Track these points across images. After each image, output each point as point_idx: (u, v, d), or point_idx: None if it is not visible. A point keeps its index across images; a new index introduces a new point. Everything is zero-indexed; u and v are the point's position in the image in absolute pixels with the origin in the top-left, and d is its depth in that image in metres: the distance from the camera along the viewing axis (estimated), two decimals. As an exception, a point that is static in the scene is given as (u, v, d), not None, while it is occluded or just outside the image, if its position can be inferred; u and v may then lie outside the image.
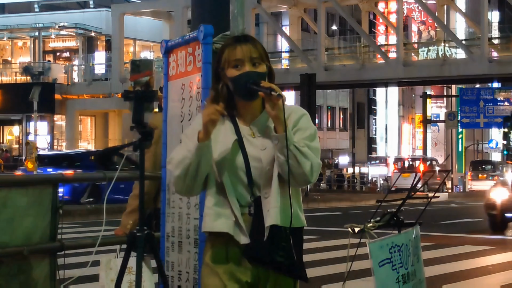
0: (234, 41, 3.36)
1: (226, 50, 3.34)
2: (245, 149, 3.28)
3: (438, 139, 57.11)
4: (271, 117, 3.23)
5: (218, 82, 3.37)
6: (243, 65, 3.31)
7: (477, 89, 42.35)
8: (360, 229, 4.34)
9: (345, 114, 57.49)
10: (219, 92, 3.35)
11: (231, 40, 3.39)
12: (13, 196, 4.94)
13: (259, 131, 3.32)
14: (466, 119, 41.79)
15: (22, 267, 5.00)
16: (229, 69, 3.31)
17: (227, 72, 3.32)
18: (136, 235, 4.07)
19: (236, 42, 3.35)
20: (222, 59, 3.34)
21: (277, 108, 3.20)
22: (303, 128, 3.30)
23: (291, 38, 40.26)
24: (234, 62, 3.31)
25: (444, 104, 57.83)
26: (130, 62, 4.41)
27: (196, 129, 3.27)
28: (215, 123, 3.22)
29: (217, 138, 3.29)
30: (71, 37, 47.79)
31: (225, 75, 3.32)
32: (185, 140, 3.33)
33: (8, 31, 47.76)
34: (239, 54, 3.31)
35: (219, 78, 3.37)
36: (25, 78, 43.65)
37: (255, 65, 3.30)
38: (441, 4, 41.65)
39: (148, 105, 4.23)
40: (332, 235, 14.76)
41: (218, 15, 4.45)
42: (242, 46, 3.32)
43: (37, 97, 35.30)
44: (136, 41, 47.64)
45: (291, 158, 3.20)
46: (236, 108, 3.35)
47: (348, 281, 4.14)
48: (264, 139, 3.31)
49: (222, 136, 3.31)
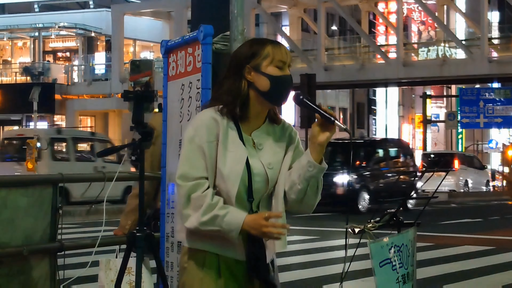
0: (273, 42, 3.16)
1: (268, 46, 3.12)
2: (249, 163, 3.11)
3: (438, 139, 57.07)
4: (317, 142, 3.05)
5: (238, 80, 3.11)
6: (285, 68, 3.13)
7: (477, 89, 42.32)
8: (360, 229, 4.35)
9: (345, 114, 57.45)
10: (241, 91, 3.10)
11: (270, 40, 3.16)
12: (13, 196, 4.94)
13: (261, 143, 3.16)
14: (466, 119, 41.74)
15: (22, 267, 5.00)
16: (270, 66, 3.10)
17: (265, 68, 3.10)
18: (136, 235, 4.08)
19: (276, 43, 3.16)
20: (262, 54, 3.10)
21: (327, 138, 3.06)
22: (302, 152, 3.21)
23: (291, 38, 40.24)
24: (278, 62, 3.10)
25: (444, 104, 57.81)
26: (130, 62, 4.40)
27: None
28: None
29: (226, 145, 3.08)
30: (71, 37, 47.77)
31: (259, 71, 3.09)
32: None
33: (8, 31, 47.72)
34: (284, 56, 3.13)
35: (239, 76, 3.12)
36: (25, 78, 43.62)
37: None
38: (441, 4, 41.64)
39: (147, 105, 4.24)
40: (332, 235, 14.76)
41: (218, 15, 4.44)
42: (285, 49, 3.15)
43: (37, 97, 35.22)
44: (136, 41, 47.61)
45: (312, 188, 3.12)
46: (245, 112, 3.14)
47: (348, 281, 4.14)
48: (268, 155, 3.15)
49: (230, 143, 3.10)
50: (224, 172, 3.05)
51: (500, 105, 39.75)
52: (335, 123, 3.06)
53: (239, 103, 3.10)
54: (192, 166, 3.05)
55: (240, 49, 3.21)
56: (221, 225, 3.00)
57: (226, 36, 4.25)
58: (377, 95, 59.36)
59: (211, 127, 3.08)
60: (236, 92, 3.11)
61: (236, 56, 3.17)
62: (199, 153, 3.06)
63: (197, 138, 3.07)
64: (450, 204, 29.77)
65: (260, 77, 3.10)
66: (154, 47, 46.62)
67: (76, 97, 44.22)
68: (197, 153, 3.06)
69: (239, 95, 3.11)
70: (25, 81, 43.26)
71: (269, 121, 3.22)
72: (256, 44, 3.15)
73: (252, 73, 3.11)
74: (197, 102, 4.16)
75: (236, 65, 3.14)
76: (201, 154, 3.06)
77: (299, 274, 9.71)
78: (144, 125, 4.15)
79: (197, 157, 3.06)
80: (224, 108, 3.12)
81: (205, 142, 3.07)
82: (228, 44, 4.24)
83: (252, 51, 3.12)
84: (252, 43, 3.17)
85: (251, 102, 3.13)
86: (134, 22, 44.82)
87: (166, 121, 4.55)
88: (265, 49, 3.11)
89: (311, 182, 3.11)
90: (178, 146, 4.36)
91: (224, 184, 3.07)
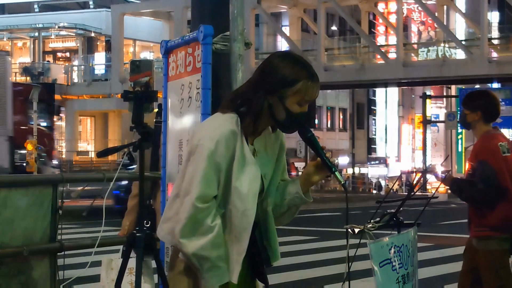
0: (313, 78, 3.08)
1: (305, 81, 3.05)
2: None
3: (437, 139, 57.06)
4: (310, 180, 3.16)
5: (262, 99, 3.06)
6: (305, 105, 3.11)
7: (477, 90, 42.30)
8: (360, 229, 4.34)
9: (345, 115, 57.45)
10: (262, 111, 3.06)
11: (310, 73, 3.08)
12: (13, 197, 4.94)
13: (258, 150, 3.16)
14: (466, 120, 41.63)
15: (22, 268, 5.00)
16: (293, 103, 3.06)
17: (289, 103, 3.05)
18: (136, 235, 4.07)
19: (315, 80, 3.09)
20: (295, 88, 3.04)
21: (320, 179, 3.18)
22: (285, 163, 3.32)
23: (291, 39, 40.25)
24: (305, 101, 3.08)
25: (443, 105, 57.79)
26: (129, 62, 4.39)
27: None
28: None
29: (242, 161, 3.05)
30: (71, 38, 47.80)
31: (282, 103, 3.05)
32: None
33: (8, 32, 47.75)
34: (314, 96, 3.11)
35: (265, 95, 3.06)
36: (25, 78, 43.62)
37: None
38: (441, 5, 41.63)
39: (147, 105, 4.23)
40: (332, 235, 14.76)
41: (218, 15, 4.44)
42: (318, 88, 3.11)
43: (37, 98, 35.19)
44: (136, 42, 47.64)
45: (290, 212, 3.26)
46: (256, 128, 3.12)
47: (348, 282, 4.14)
48: (263, 165, 3.15)
49: (246, 159, 3.07)
50: (243, 191, 3.03)
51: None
52: (335, 175, 3.12)
53: (255, 118, 3.08)
54: (209, 185, 3.01)
55: (280, 69, 3.07)
56: (204, 270, 3.03)
57: (226, 36, 4.25)
58: (377, 95, 59.37)
59: (230, 142, 3.03)
60: (258, 113, 3.08)
61: (272, 74, 3.07)
62: (216, 170, 3.02)
63: (216, 155, 3.01)
64: (450, 204, 29.77)
65: (280, 107, 3.07)
66: (154, 47, 46.65)
67: (76, 98, 44.24)
68: (214, 171, 3.02)
69: (259, 115, 3.08)
70: (25, 81, 43.25)
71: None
72: (297, 72, 3.06)
73: (275, 98, 3.07)
74: (197, 102, 4.16)
75: (268, 82, 3.07)
76: (217, 171, 3.03)
77: (299, 274, 9.70)
78: (144, 125, 4.16)
79: (214, 174, 3.02)
80: (241, 123, 3.08)
81: (223, 158, 3.03)
82: (228, 44, 4.23)
83: (290, 80, 3.05)
84: (294, 68, 3.06)
85: (263, 120, 3.11)
86: (134, 22, 44.84)
87: (166, 121, 4.55)
88: (300, 83, 3.05)
89: (293, 209, 3.25)
90: (178, 146, 4.35)
91: (241, 203, 3.04)
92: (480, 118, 5.34)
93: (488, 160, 5.14)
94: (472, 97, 5.45)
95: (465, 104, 5.42)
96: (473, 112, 5.34)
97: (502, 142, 5.27)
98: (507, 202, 5.13)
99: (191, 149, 3.08)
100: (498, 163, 5.14)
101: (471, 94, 5.52)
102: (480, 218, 5.22)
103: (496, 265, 5.19)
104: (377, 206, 4.61)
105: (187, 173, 3.06)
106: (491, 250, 5.19)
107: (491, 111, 5.39)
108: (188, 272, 3.12)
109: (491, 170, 5.08)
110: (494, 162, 5.13)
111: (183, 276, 3.14)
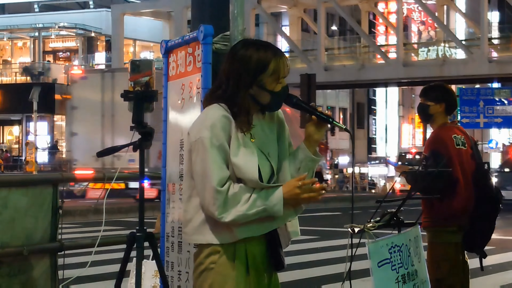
0: (278, 54, 3.21)
1: (274, 61, 3.19)
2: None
3: (438, 139, 57.06)
4: (313, 139, 3.27)
5: (243, 90, 3.18)
6: (283, 80, 3.24)
7: (477, 89, 42.28)
8: (360, 229, 4.34)
9: (345, 114, 57.48)
10: (243, 101, 3.18)
11: (274, 51, 3.22)
12: (14, 196, 4.94)
13: (254, 133, 3.24)
14: (466, 119, 41.70)
15: (22, 267, 5.01)
16: (272, 83, 3.20)
17: (269, 86, 3.20)
18: (136, 235, 4.08)
19: (281, 55, 3.22)
20: (268, 71, 3.18)
21: (322, 134, 3.28)
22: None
23: (291, 38, 40.24)
24: (282, 76, 3.21)
25: (444, 104, 57.78)
26: (130, 62, 4.40)
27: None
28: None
29: (238, 140, 3.17)
30: (71, 38, 47.78)
31: (263, 88, 3.19)
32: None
33: (8, 31, 47.73)
34: (286, 70, 3.23)
35: (244, 90, 3.18)
36: (25, 78, 43.62)
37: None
38: (441, 4, 41.63)
39: (147, 105, 4.24)
40: (332, 235, 14.76)
41: (218, 15, 4.44)
42: (286, 60, 3.24)
43: (37, 97, 35.19)
44: (136, 41, 47.62)
45: (310, 174, 3.32)
46: (249, 120, 3.22)
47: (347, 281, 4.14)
48: (265, 145, 3.25)
49: (241, 139, 3.18)
50: (240, 163, 3.12)
51: (500, 105, 39.73)
52: (334, 124, 3.24)
53: (246, 113, 3.20)
54: (222, 168, 3.12)
55: (249, 60, 3.20)
56: (265, 203, 3.11)
57: (226, 36, 4.25)
58: (377, 95, 59.39)
59: (225, 125, 3.15)
60: (247, 109, 3.19)
61: (245, 68, 3.19)
62: (222, 153, 3.13)
63: (215, 139, 3.13)
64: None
65: (263, 93, 3.21)
66: (154, 47, 46.64)
67: (76, 97, 44.16)
68: (221, 154, 3.13)
69: (248, 111, 3.20)
70: (25, 81, 43.26)
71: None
72: (264, 56, 3.19)
73: (255, 88, 3.20)
74: (198, 102, 4.16)
75: (244, 77, 3.19)
76: (222, 153, 3.13)
77: (299, 274, 9.71)
78: (144, 125, 4.16)
79: (220, 157, 3.12)
80: (236, 122, 3.19)
81: (222, 139, 3.13)
82: (228, 44, 4.23)
83: (262, 66, 3.18)
84: (258, 57, 3.19)
85: (252, 110, 3.24)
86: (134, 22, 44.83)
87: (167, 121, 4.55)
88: (270, 64, 3.18)
89: (309, 173, 3.30)
90: (178, 146, 4.36)
91: (243, 174, 3.13)
92: (443, 110, 5.28)
93: (440, 150, 5.07)
94: (435, 89, 5.38)
95: (427, 95, 5.34)
96: (437, 104, 5.27)
97: (457, 135, 5.20)
98: (455, 194, 5.03)
99: (190, 147, 3.19)
100: (449, 154, 5.04)
101: (432, 86, 5.44)
102: (429, 208, 5.13)
103: (438, 257, 5.10)
104: (377, 206, 4.61)
105: (196, 173, 3.15)
106: (436, 241, 5.11)
107: (453, 104, 5.36)
108: (210, 271, 3.19)
109: (441, 160, 5.00)
110: (446, 152, 5.04)
111: (208, 273, 3.20)
